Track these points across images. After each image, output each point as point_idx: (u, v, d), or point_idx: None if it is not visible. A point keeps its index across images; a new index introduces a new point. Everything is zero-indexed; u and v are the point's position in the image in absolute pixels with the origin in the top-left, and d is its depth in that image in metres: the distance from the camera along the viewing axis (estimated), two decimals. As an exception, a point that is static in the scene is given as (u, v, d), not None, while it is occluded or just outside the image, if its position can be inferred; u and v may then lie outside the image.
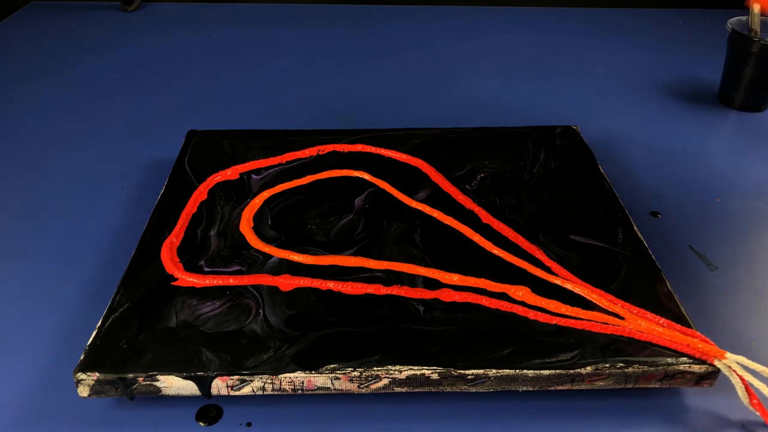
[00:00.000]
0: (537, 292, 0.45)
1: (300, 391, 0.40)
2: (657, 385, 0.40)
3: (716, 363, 0.39)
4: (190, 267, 0.47)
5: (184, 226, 0.51)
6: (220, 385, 0.40)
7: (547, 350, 0.41)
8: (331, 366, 0.40)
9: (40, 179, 0.64)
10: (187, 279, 0.46)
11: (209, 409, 0.42)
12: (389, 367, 0.39)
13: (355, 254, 0.49)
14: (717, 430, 0.40)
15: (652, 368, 0.40)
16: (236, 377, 0.39)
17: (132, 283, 0.46)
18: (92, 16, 1.04)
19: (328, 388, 0.40)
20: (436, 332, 0.42)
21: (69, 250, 0.54)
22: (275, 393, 0.40)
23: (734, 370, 0.39)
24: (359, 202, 0.54)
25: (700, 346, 0.40)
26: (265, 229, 0.51)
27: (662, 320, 0.42)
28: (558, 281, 0.46)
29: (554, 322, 0.43)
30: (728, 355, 0.40)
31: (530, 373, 0.39)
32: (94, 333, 0.42)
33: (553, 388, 0.40)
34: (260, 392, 0.40)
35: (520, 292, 0.45)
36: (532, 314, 0.43)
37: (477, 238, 0.50)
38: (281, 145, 0.61)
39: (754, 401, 0.40)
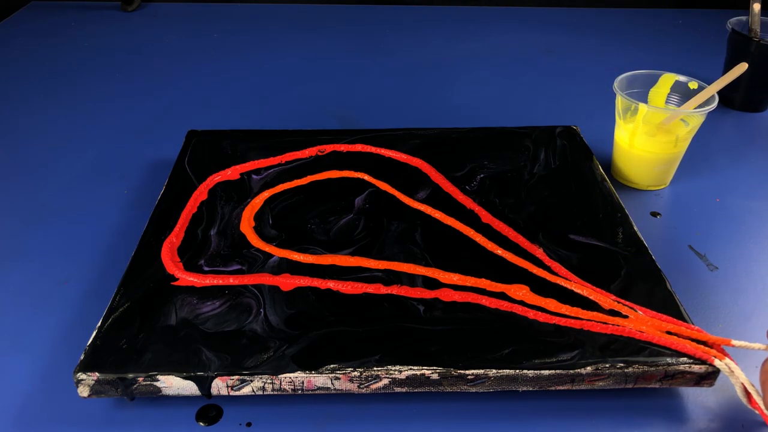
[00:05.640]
0: (538, 292, 0.45)
1: (300, 391, 0.40)
2: (657, 385, 0.40)
3: (716, 363, 0.39)
4: (191, 267, 0.47)
5: (184, 226, 0.51)
6: (220, 385, 0.40)
7: (547, 350, 0.41)
8: (331, 366, 0.40)
9: (41, 179, 0.64)
10: (187, 279, 0.46)
11: (209, 409, 0.42)
12: (389, 367, 0.39)
13: (355, 254, 0.49)
14: (717, 430, 0.40)
15: (652, 368, 0.40)
16: (236, 377, 0.39)
17: (132, 283, 0.46)
18: (92, 16, 1.04)
19: (328, 388, 0.40)
20: (436, 332, 0.42)
21: (69, 250, 0.54)
22: (275, 393, 0.40)
23: (732, 371, 0.39)
24: (359, 202, 0.54)
25: (700, 345, 0.40)
26: (266, 228, 0.51)
27: (665, 317, 0.42)
28: (561, 281, 0.46)
29: (554, 321, 0.43)
30: (734, 342, 0.40)
31: (530, 373, 0.39)
32: (94, 333, 0.42)
33: (553, 388, 0.40)
34: (260, 392, 0.40)
35: (520, 291, 0.45)
36: (531, 314, 0.43)
37: (478, 238, 0.50)
38: (281, 145, 0.61)
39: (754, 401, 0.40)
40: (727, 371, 0.39)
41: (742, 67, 0.56)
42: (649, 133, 0.59)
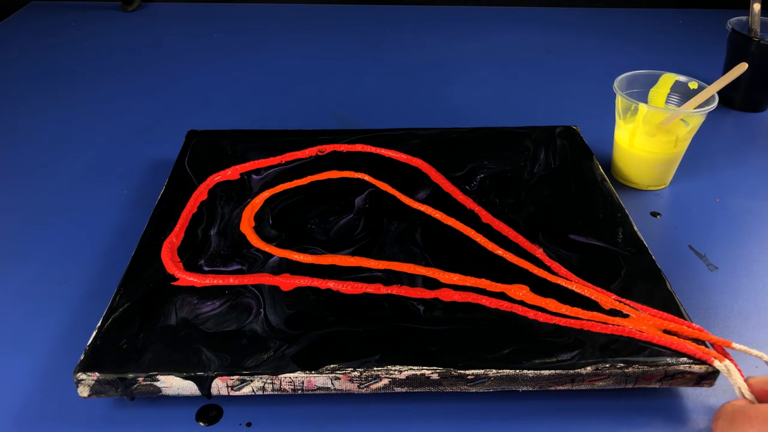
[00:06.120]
0: (538, 292, 0.45)
1: (300, 391, 0.40)
2: (657, 385, 0.40)
3: (715, 364, 0.39)
4: (191, 267, 0.47)
5: (184, 226, 0.51)
6: (220, 385, 0.40)
7: (547, 350, 0.41)
8: (331, 366, 0.40)
9: (41, 179, 0.64)
10: (187, 278, 0.46)
11: (209, 409, 0.42)
12: (389, 367, 0.39)
13: (355, 254, 0.49)
14: (717, 430, 0.40)
15: (652, 368, 0.40)
16: (236, 377, 0.39)
17: (132, 283, 0.46)
18: (92, 16, 1.04)
19: (328, 388, 0.40)
20: (436, 332, 0.42)
21: (69, 250, 0.54)
22: (275, 393, 0.40)
23: (731, 372, 0.39)
24: (359, 202, 0.54)
25: (700, 346, 0.40)
26: (266, 228, 0.51)
27: (666, 315, 0.42)
28: (561, 281, 0.46)
29: (554, 321, 0.43)
30: (735, 345, 0.40)
31: (530, 373, 0.39)
32: (94, 333, 0.42)
33: (553, 388, 0.40)
34: (260, 392, 0.40)
35: (520, 291, 0.45)
36: (531, 314, 0.43)
37: (478, 238, 0.50)
38: (281, 145, 0.61)
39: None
40: (726, 372, 0.39)
41: (742, 67, 0.56)
42: (649, 133, 0.59)
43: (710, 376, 0.40)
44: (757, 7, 0.72)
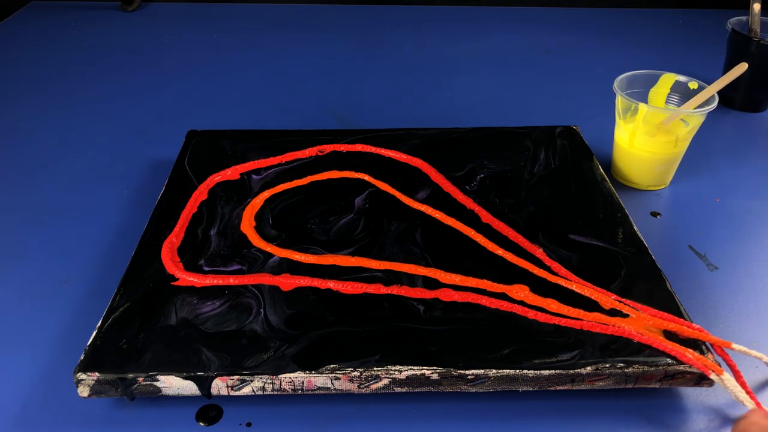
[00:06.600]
0: (538, 292, 0.45)
1: (300, 391, 0.40)
2: (657, 385, 0.40)
3: (712, 377, 0.39)
4: (191, 267, 0.47)
5: (184, 226, 0.51)
6: (220, 385, 0.40)
7: (547, 350, 0.41)
8: (331, 366, 0.40)
9: (41, 179, 0.64)
10: (187, 278, 0.46)
11: (209, 409, 0.42)
12: (389, 367, 0.39)
13: (355, 254, 0.49)
14: (717, 430, 0.40)
15: (652, 368, 0.40)
16: (236, 377, 0.39)
17: (132, 283, 0.46)
18: (92, 16, 1.04)
19: (328, 388, 0.40)
20: (436, 332, 0.42)
21: (69, 250, 0.54)
22: (275, 393, 0.40)
23: (727, 386, 0.39)
24: (359, 202, 0.54)
25: (701, 356, 0.40)
26: (266, 228, 0.51)
27: (667, 315, 0.42)
28: (562, 282, 0.46)
29: (554, 322, 0.43)
30: (735, 345, 0.40)
31: (530, 373, 0.39)
32: (94, 333, 0.42)
33: (553, 388, 0.40)
34: (260, 392, 0.40)
35: (521, 292, 0.45)
36: (531, 314, 0.43)
37: (478, 238, 0.50)
38: (281, 145, 0.61)
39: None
40: (722, 384, 0.39)
41: (742, 67, 0.56)
42: (649, 133, 0.59)
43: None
44: (757, 7, 0.72)
